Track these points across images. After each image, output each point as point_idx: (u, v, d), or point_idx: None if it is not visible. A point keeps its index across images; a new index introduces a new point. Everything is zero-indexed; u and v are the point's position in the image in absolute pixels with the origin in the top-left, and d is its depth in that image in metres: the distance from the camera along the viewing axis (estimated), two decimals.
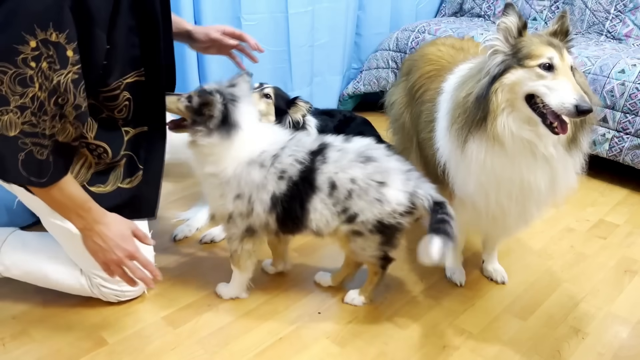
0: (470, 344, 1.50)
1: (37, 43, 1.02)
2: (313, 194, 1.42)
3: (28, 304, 1.61)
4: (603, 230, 2.11)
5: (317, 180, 1.41)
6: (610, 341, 1.52)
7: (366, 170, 1.41)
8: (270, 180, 1.42)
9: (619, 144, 2.37)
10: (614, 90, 2.34)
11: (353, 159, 1.43)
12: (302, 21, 2.71)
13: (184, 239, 1.97)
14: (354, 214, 1.42)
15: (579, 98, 1.22)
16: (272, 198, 1.43)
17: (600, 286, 1.76)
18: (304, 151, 1.44)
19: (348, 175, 1.41)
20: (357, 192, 1.40)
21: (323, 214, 1.43)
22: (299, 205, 1.43)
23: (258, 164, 1.43)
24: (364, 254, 1.50)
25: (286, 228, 1.49)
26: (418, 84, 1.76)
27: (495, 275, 1.77)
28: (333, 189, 1.41)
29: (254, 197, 1.43)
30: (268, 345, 1.47)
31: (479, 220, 1.56)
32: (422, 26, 3.04)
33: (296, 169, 1.42)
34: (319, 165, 1.42)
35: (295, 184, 1.41)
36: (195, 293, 1.67)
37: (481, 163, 1.37)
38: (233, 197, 1.45)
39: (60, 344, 1.46)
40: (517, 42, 1.33)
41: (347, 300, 1.64)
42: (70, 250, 1.51)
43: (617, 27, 2.84)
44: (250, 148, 1.44)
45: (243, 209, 1.46)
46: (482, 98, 1.33)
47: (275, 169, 1.42)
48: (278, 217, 1.45)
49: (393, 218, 1.42)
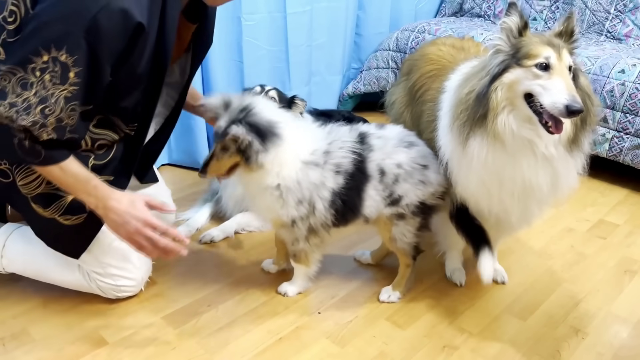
0: (470, 344, 1.50)
1: (49, 58, 1.17)
2: (367, 182, 1.48)
3: (28, 304, 1.61)
4: (603, 230, 2.11)
5: (368, 168, 1.47)
6: (610, 341, 1.52)
7: (410, 154, 1.49)
8: (328, 177, 1.45)
9: (619, 144, 2.37)
10: (614, 90, 2.35)
11: (397, 144, 1.49)
12: (300, 21, 2.72)
13: None
14: (399, 197, 1.49)
15: (570, 98, 1.23)
16: (332, 194, 1.46)
17: (600, 286, 1.76)
18: (351, 142, 1.48)
19: (394, 160, 1.48)
20: (403, 176, 1.48)
21: (376, 199, 1.49)
22: (356, 195, 1.48)
23: (313, 164, 1.45)
24: (403, 239, 1.56)
25: (345, 219, 1.53)
26: (419, 84, 1.76)
27: (495, 275, 1.77)
28: (382, 175, 1.47)
29: (315, 197, 1.46)
30: (268, 345, 1.48)
31: (482, 219, 1.56)
32: (422, 26, 3.04)
33: (349, 161, 1.46)
34: (367, 153, 1.47)
35: (352, 176, 1.46)
36: (196, 293, 1.68)
37: (483, 160, 1.37)
38: (295, 202, 1.46)
39: (60, 344, 1.46)
40: (517, 41, 1.34)
41: (383, 298, 1.65)
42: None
43: (617, 27, 2.84)
44: (301, 148, 1.45)
45: (304, 212, 1.47)
46: (482, 96, 1.33)
47: (330, 165, 1.45)
48: (338, 210, 1.49)
49: (434, 198, 1.52)
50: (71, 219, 1.45)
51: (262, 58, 2.62)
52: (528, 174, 1.37)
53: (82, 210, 1.43)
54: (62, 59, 1.18)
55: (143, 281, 1.64)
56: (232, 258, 1.88)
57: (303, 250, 1.56)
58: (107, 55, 1.22)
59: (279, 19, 2.63)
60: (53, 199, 1.42)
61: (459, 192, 1.50)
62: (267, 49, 2.63)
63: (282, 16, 2.63)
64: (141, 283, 1.63)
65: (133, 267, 1.58)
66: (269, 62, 2.66)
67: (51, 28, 1.17)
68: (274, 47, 2.66)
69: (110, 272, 1.55)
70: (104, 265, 1.54)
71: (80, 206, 1.41)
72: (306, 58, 2.86)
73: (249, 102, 1.41)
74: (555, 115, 1.27)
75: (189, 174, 2.52)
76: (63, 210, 1.44)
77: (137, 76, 1.34)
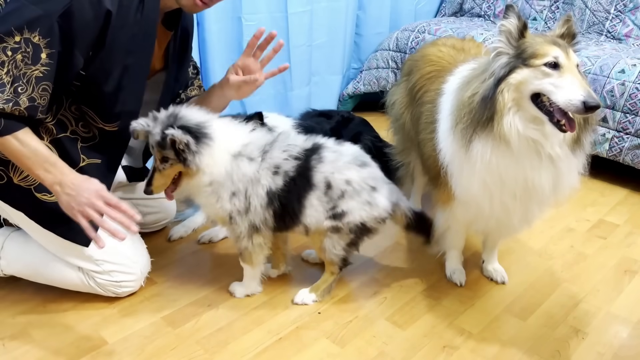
0: (470, 344, 1.50)
1: (21, 39, 1.23)
2: (311, 190, 1.49)
3: (28, 304, 1.61)
4: (603, 230, 2.12)
5: (314, 177, 1.48)
6: (610, 341, 1.52)
7: (361, 174, 1.50)
8: (264, 175, 1.46)
9: (619, 144, 2.38)
10: (614, 90, 2.35)
11: (350, 161, 1.51)
12: (301, 21, 2.72)
13: (180, 239, 1.98)
14: (342, 212, 1.50)
15: (586, 94, 1.23)
16: (269, 193, 1.47)
17: (600, 286, 1.76)
18: (298, 148, 1.49)
19: (344, 176, 1.49)
20: (350, 193, 1.49)
21: (318, 210, 1.50)
22: (296, 200, 1.49)
23: (246, 157, 1.46)
24: (332, 251, 1.57)
25: (284, 223, 1.53)
26: (419, 85, 1.76)
27: (495, 275, 1.78)
28: (329, 187, 1.49)
29: (250, 191, 1.47)
30: (268, 345, 1.48)
31: (482, 220, 1.56)
32: (422, 26, 3.05)
33: (292, 165, 1.47)
34: (315, 163, 1.48)
35: (293, 180, 1.47)
36: (195, 293, 1.68)
37: (486, 163, 1.37)
38: (229, 196, 1.47)
39: (60, 344, 1.46)
40: (520, 43, 1.33)
41: (297, 300, 1.64)
42: (58, 250, 1.54)
43: (617, 27, 2.85)
44: (230, 143, 1.47)
45: (241, 206, 1.48)
46: (488, 99, 1.33)
47: (267, 164, 1.47)
48: (276, 212, 1.49)
49: (376, 222, 1.55)
50: None
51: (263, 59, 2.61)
52: (531, 174, 1.37)
53: None
54: (35, 40, 1.23)
55: (143, 275, 1.64)
56: (232, 258, 1.88)
57: (247, 249, 1.56)
58: (79, 39, 1.28)
59: (280, 19, 2.63)
60: None
61: (460, 195, 1.51)
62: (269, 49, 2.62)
63: (284, 16, 2.63)
64: (141, 277, 1.64)
65: (130, 261, 1.59)
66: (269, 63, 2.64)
67: (26, 10, 1.22)
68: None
69: (108, 269, 1.56)
70: (100, 263, 1.55)
71: None
72: (306, 58, 2.86)
73: (173, 109, 1.44)
74: (569, 113, 1.27)
75: None
76: None
77: (117, 59, 1.38)
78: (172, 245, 1.95)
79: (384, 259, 1.88)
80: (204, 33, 2.39)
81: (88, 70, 1.36)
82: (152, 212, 1.91)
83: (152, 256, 1.72)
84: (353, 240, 1.56)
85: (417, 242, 1.98)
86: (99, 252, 1.53)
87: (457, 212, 1.60)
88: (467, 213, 1.57)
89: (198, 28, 2.37)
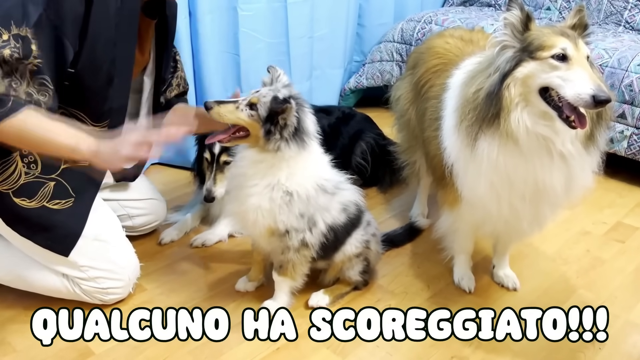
0: (479, 354, 1.50)
1: (9, 36, 1.24)
2: (357, 229, 1.64)
3: (8, 313, 1.61)
4: (621, 233, 2.11)
5: (362, 218, 1.65)
6: (629, 351, 1.52)
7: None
8: (334, 209, 1.55)
9: (638, 142, 2.37)
10: (632, 84, 2.34)
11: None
12: (301, 11, 2.71)
13: (171, 243, 1.98)
14: (367, 243, 1.67)
15: (595, 88, 1.22)
16: (331, 224, 1.55)
17: (618, 293, 1.76)
18: (360, 196, 1.64)
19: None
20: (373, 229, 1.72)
21: (353, 245, 1.63)
22: (345, 235, 1.61)
23: (323, 190, 1.52)
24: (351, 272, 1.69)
25: (325, 253, 1.60)
26: (424, 79, 1.75)
27: (507, 281, 1.77)
28: (368, 225, 1.68)
29: (318, 217, 1.52)
30: (264, 356, 1.47)
31: (490, 223, 1.55)
32: (429, 16, 3.04)
33: (352, 208, 1.60)
34: (363, 207, 1.67)
35: (350, 219, 1.60)
36: (187, 300, 1.67)
37: (493, 162, 1.36)
38: (299, 214, 1.48)
39: (43, 355, 1.46)
40: (526, 35, 1.33)
41: (312, 303, 1.66)
42: (40, 258, 1.54)
43: (636, 17, 2.83)
44: (318, 171, 1.52)
45: (302, 226, 1.50)
46: (493, 94, 1.32)
47: (337, 201, 1.56)
48: (324, 242, 1.56)
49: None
50: (60, 202, 1.47)
51: (261, 51, 2.61)
52: (541, 174, 1.36)
53: (69, 194, 1.47)
54: (23, 33, 1.25)
55: (131, 282, 1.64)
56: (225, 262, 1.87)
57: (291, 261, 1.56)
58: (68, 27, 1.31)
59: (279, 9, 2.62)
60: (37, 186, 1.44)
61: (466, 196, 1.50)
62: (267, 41, 2.62)
63: (283, 6, 2.62)
64: (130, 284, 1.63)
65: (117, 266, 1.59)
66: (268, 56, 2.64)
67: (9, 9, 1.24)
68: (274, 39, 2.65)
69: (93, 275, 1.56)
70: (85, 269, 1.55)
71: (66, 189, 1.46)
72: (307, 51, 2.85)
73: (302, 99, 1.49)
74: (579, 108, 1.26)
75: (180, 174, 2.52)
76: (50, 196, 1.46)
77: (104, 51, 1.40)
78: (163, 249, 1.95)
79: (388, 264, 1.88)
80: (196, 24, 2.37)
81: (77, 66, 1.37)
82: (141, 214, 1.91)
83: (142, 261, 1.71)
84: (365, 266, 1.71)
85: (423, 245, 1.98)
86: (83, 258, 1.53)
87: (464, 214, 1.60)
88: (474, 215, 1.57)
89: (190, 19, 2.36)
